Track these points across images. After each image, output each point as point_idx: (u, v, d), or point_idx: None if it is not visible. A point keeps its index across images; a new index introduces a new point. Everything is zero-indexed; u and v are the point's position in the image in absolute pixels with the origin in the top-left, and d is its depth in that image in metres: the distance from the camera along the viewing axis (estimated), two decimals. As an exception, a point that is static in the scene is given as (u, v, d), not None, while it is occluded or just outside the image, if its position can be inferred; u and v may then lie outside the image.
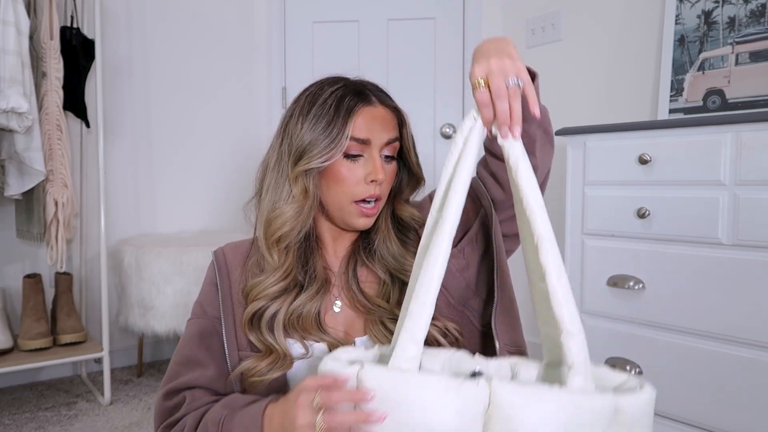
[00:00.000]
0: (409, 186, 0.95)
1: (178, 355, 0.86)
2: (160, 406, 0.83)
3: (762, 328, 1.35)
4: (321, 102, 0.85)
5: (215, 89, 2.64)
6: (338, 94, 0.85)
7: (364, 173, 0.85)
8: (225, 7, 2.65)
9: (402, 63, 2.62)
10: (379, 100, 0.87)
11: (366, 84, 0.90)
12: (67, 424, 1.88)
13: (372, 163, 0.85)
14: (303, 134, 0.84)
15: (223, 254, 0.92)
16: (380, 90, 0.90)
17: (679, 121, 1.50)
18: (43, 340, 1.99)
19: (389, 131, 0.87)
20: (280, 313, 0.84)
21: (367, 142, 0.85)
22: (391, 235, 0.91)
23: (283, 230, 0.85)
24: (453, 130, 2.61)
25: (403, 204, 0.94)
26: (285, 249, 0.86)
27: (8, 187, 1.91)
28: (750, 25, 1.73)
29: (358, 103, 0.84)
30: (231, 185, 2.61)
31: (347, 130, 0.83)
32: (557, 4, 2.35)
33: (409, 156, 0.92)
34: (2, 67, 1.73)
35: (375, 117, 0.85)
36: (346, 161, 0.85)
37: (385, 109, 0.87)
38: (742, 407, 1.38)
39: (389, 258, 0.90)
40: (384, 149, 0.87)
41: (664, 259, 1.52)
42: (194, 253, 2.10)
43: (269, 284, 0.84)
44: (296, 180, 0.85)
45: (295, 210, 0.85)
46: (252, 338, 0.84)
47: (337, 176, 0.85)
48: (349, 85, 0.87)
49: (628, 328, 1.60)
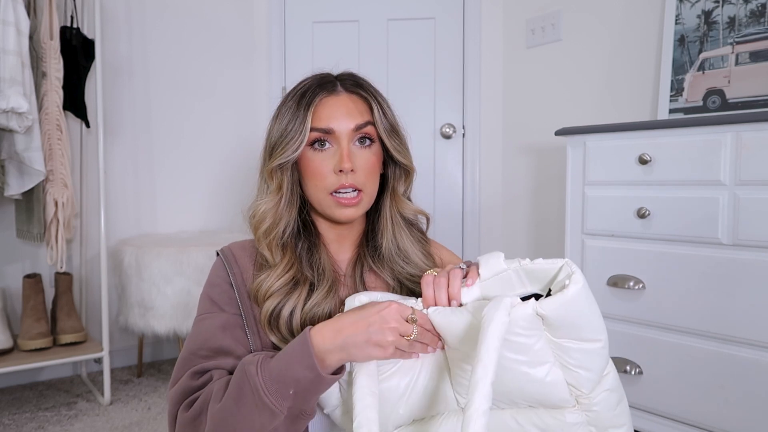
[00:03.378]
0: (401, 177, 0.93)
1: (202, 349, 0.80)
2: (185, 385, 0.77)
3: (762, 328, 1.35)
4: (288, 98, 0.87)
5: (215, 89, 2.64)
6: (303, 88, 0.87)
7: (332, 164, 0.84)
8: (225, 7, 2.65)
9: (402, 63, 2.62)
10: (344, 88, 0.87)
11: (337, 75, 0.90)
12: (67, 424, 1.88)
13: (339, 152, 0.84)
14: (273, 131, 0.87)
15: (232, 253, 0.90)
16: (352, 78, 0.90)
17: (679, 121, 1.50)
18: (43, 340, 1.99)
19: (355, 117, 0.85)
20: (296, 312, 0.83)
21: (330, 132, 0.84)
22: (401, 231, 0.92)
23: (264, 225, 0.86)
24: (453, 130, 2.61)
25: (403, 201, 0.93)
26: (281, 246, 0.86)
27: (8, 187, 1.91)
28: (750, 25, 1.73)
29: (319, 94, 0.85)
30: (231, 185, 2.61)
31: (307, 121, 0.84)
32: (557, 4, 2.35)
33: (385, 142, 0.88)
34: (2, 67, 1.73)
35: (338, 105, 0.85)
36: (315, 153, 0.85)
37: (350, 96, 0.87)
38: (742, 407, 1.38)
39: (398, 260, 0.90)
40: (355, 135, 0.85)
41: (664, 259, 1.52)
42: (194, 253, 2.10)
43: (273, 279, 0.83)
44: (271, 176, 0.87)
45: (270, 204, 0.87)
46: (274, 339, 0.83)
47: (308, 169, 0.86)
48: (318, 78, 0.88)
49: (628, 328, 1.60)
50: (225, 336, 0.81)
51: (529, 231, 2.52)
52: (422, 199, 1.01)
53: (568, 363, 0.70)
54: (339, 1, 2.64)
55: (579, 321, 0.68)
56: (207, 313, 0.85)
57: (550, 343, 0.69)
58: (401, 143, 0.90)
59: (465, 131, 2.62)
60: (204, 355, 0.80)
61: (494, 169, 2.64)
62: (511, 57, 2.57)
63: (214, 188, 2.62)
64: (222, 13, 2.64)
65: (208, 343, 0.81)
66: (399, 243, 0.91)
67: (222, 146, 2.65)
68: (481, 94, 2.61)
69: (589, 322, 0.69)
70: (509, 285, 0.73)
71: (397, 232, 0.91)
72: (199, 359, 0.79)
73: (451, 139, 2.63)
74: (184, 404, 0.76)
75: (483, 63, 2.60)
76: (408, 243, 0.91)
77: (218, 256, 0.91)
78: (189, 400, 0.76)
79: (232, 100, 2.68)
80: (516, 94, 2.57)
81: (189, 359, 0.80)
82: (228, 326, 0.82)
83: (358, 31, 2.63)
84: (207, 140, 2.62)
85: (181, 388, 0.77)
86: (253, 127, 2.71)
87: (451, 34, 2.61)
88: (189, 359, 0.80)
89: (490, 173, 2.64)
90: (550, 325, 0.68)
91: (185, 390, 0.77)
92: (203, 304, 0.87)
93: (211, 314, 0.84)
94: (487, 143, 2.63)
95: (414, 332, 0.71)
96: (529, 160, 2.51)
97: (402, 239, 0.91)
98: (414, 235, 0.94)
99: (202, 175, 2.61)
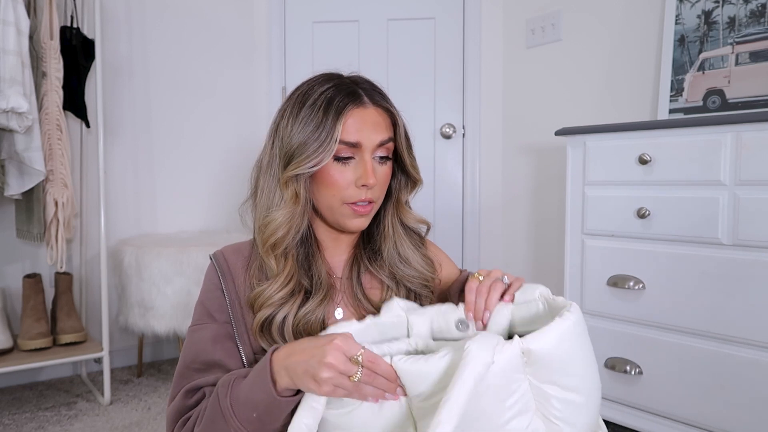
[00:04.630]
0: (406, 187, 0.93)
1: (195, 362, 0.82)
2: (179, 405, 0.79)
3: (762, 328, 1.35)
4: (311, 102, 0.82)
5: (215, 89, 2.64)
6: (328, 94, 0.82)
7: (354, 176, 0.83)
8: (225, 7, 2.65)
9: (402, 63, 2.62)
10: (371, 100, 0.84)
11: (359, 82, 0.86)
12: (67, 424, 1.88)
13: (363, 166, 0.82)
14: (292, 137, 0.82)
15: (224, 258, 0.89)
16: (374, 88, 0.87)
17: (679, 121, 1.50)
18: (43, 340, 1.99)
19: (381, 132, 0.84)
20: (288, 319, 0.83)
21: (357, 145, 0.82)
22: (402, 240, 0.91)
23: (276, 235, 0.83)
24: (453, 130, 2.61)
25: (406, 210, 0.93)
26: (283, 254, 0.85)
27: (8, 187, 1.91)
28: (750, 25, 1.72)
29: (348, 104, 0.82)
30: (231, 185, 2.61)
31: (336, 133, 0.80)
32: (557, 4, 2.35)
33: (403, 158, 0.89)
34: (2, 67, 1.73)
35: (366, 118, 0.82)
36: (337, 164, 0.82)
37: (377, 110, 0.84)
38: (742, 407, 1.38)
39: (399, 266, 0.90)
40: (377, 151, 0.84)
41: (664, 259, 1.52)
42: (194, 253, 2.10)
43: (273, 291, 0.83)
44: (286, 184, 0.83)
45: (286, 215, 0.83)
46: (264, 345, 0.83)
47: (327, 179, 0.83)
48: (341, 85, 0.84)
49: (628, 328, 1.60)
50: (216, 349, 0.82)
51: (529, 231, 2.52)
52: (422, 199, 1.01)
53: (550, 414, 0.65)
54: (339, 1, 2.63)
55: (566, 361, 0.65)
56: (198, 324, 0.86)
57: (533, 388, 0.65)
58: (414, 157, 0.91)
59: (465, 131, 2.62)
60: (197, 369, 0.81)
61: (494, 169, 2.64)
62: (511, 57, 2.57)
63: (214, 188, 2.62)
64: (222, 13, 2.64)
65: (200, 356, 0.82)
66: (400, 251, 0.91)
67: (222, 146, 2.65)
68: (481, 94, 2.61)
69: (575, 368, 0.66)
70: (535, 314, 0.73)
71: (398, 240, 0.91)
72: (193, 373, 0.81)
73: (451, 139, 2.63)
74: (179, 423, 0.78)
75: (483, 63, 2.60)
76: (410, 251, 0.91)
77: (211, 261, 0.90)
78: (183, 419, 0.78)
79: (232, 100, 2.68)
80: (516, 94, 2.57)
81: (184, 374, 0.82)
82: (218, 338, 0.83)
83: (358, 31, 2.63)
84: (207, 140, 2.62)
85: (176, 407, 0.79)
86: (253, 127, 2.72)
87: (451, 34, 2.61)
88: (184, 374, 0.82)
89: (490, 173, 2.64)
90: (534, 363, 0.64)
91: (180, 409, 0.79)
92: (196, 312, 0.88)
93: (201, 325, 0.85)
94: (487, 143, 2.63)
95: (357, 374, 0.65)
96: (529, 160, 2.51)
97: (403, 247, 0.91)
98: (414, 242, 0.93)
99: (202, 175, 2.61)
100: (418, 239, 0.95)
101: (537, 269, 2.47)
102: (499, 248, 2.63)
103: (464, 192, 2.65)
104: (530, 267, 2.50)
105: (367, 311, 0.88)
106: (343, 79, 0.86)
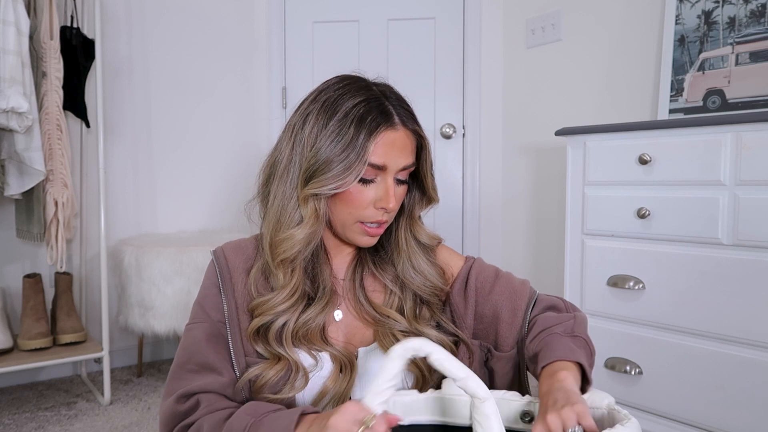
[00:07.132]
0: (421, 203, 0.91)
1: (189, 363, 0.81)
2: (172, 410, 0.78)
3: (762, 328, 1.35)
4: (341, 116, 0.79)
5: (215, 89, 2.64)
6: (360, 110, 0.79)
7: (374, 197, 0.81)
8: (225, 7, 2.65)
9: (402, 63, 2.62)
10: (402, 122, 0.82)
11: (388, 95, 0.83)
12: (67, 424, 1.88)
13: (384, 188, 0.81)
14: (318, 150, 0.79)
15: (224, 255, 0.88)
16: (402, 105, 0.84)
17: (679, 121, 1.50)
18: (43, 340, 1.99)
19: (407, 157, 0.82)
20: (288, 325, 0.82)
21: (383, 168, 0.80)
22: (417, 254, 0.90)
23: (291, 252, 0.81)
24: (453, 130, 2.61)
25: (419, 225, 0.92)
26: (291, 266, 0.83)
27: (8, 187, 1.91)
28: (750, 25, 1.73)
29: (381, 125, 0.79)
30: (231, 185, 2.61)
31: (366, 156, 0.78)
32: (557, 4, 2.35)
33: (426, 180, 0.88)
34: (2, 67, 1.73)
35: (395, 142, 0.80)
36: (358, 185, 0.80)
37: (407, 133, 0.82)
38: (742, 407, 1.38)
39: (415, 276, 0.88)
40: (398, 174, 0.83)
41: (664, 259, 1.52)
42: (194, 253, 2.10)
43: (277, 302, 0.82)
44: (306, 201, 0.81)
45: (306, 235, 0.81)
46: (259, 348, 0.82)
47: (346, 198, 0.81)
48: (371, 99, 0.81)
49: (628, 328, 1.60)
50: (209, 350, 0.81)
51: (529, 231, 2.52)
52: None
53: None
54: (339, 1, 2.64)
55: None
56: (195, 322, 0.85)
57: None
58: (434, 177, 0.89)
59: (465, 131, 2.62)
60: (191, 369, 0.81)
61: (494, 169, 2.64)
62: (511, 57, 2.58)
63: (214, 188, 2.63)
64: (222, 13, 2.64)
65: (194, 357, 0.81)
66: (415, 265, 0.89)
67: (222, 146, 2.65)
68: (481, 94, 2.61)
69: None
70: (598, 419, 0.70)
71: (413, 254, 0.90)
72: (187, 373, 0.80)
73: (451, 139, 2.63)
74: (178, 428, 0.77)
75: (483, 63, 2.60)
76: (425, 265, 0.90)
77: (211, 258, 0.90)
78: (178, 428, 0.77)
79: (232, 100, 2.68)
80: (516, 94, 2.57)
81: (178, 373, 0.81)
82: (212, 338, 0.83)
83: (358, 31, 2.63)
84: (207, 140, 2.62)
85: (170, 411, 0.78)
86: (253, 126, 2.72)
87: (451, 35, 2.61)
88: (178, 373, 0.81)
89: (490, 173, 2.64)
90: None
91: (173, 414, 0.77)
92: (194, 309, 0.87)
93: (197, 324, 0.84)
94: (487, 143, 2.63)
95: None
96: (529, 160, 2.51)
97: (418, 261, 0.90)
98: (428, 255, 0.92)
99: (202, 175, 2.61)
100: (431, 252, 0.93)
101: (537, 269, 2.47)
102: (499, 248, 2.63)
103: (464, 192, 2.65)
104: (530, 267, 2.50)
105: (369, 315, 0.87)
106: (372, 90, 0.83)
